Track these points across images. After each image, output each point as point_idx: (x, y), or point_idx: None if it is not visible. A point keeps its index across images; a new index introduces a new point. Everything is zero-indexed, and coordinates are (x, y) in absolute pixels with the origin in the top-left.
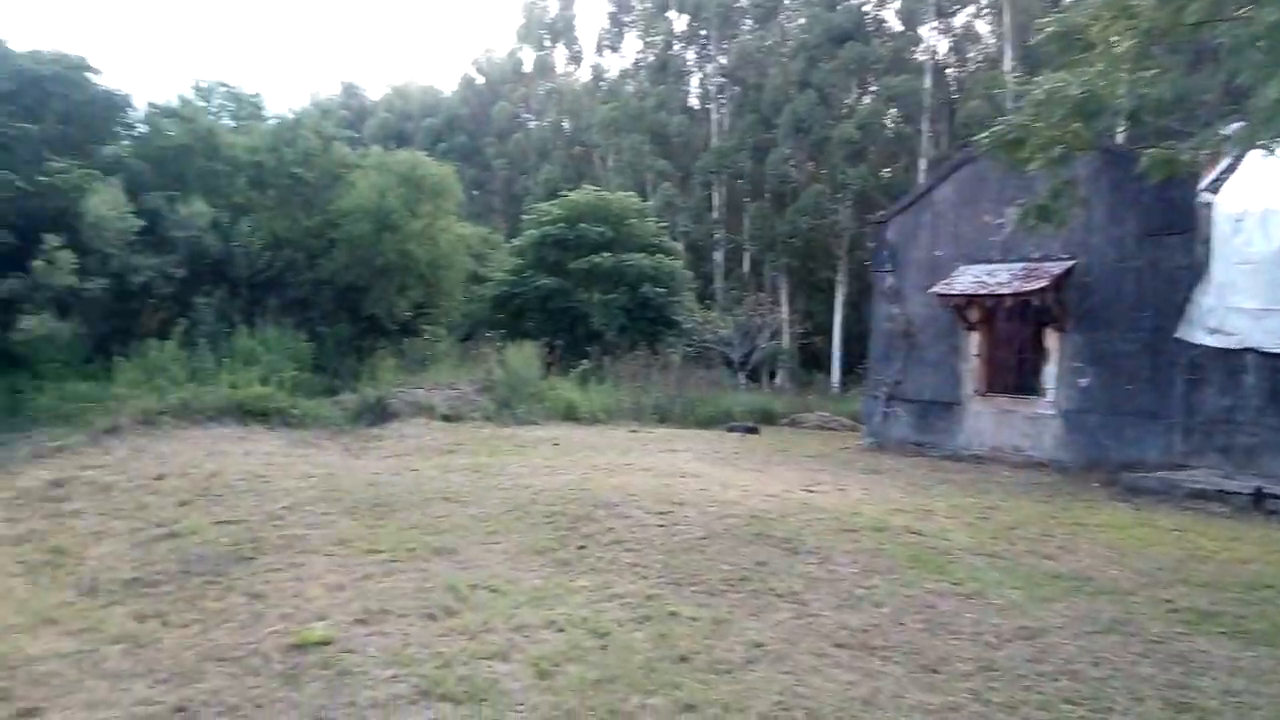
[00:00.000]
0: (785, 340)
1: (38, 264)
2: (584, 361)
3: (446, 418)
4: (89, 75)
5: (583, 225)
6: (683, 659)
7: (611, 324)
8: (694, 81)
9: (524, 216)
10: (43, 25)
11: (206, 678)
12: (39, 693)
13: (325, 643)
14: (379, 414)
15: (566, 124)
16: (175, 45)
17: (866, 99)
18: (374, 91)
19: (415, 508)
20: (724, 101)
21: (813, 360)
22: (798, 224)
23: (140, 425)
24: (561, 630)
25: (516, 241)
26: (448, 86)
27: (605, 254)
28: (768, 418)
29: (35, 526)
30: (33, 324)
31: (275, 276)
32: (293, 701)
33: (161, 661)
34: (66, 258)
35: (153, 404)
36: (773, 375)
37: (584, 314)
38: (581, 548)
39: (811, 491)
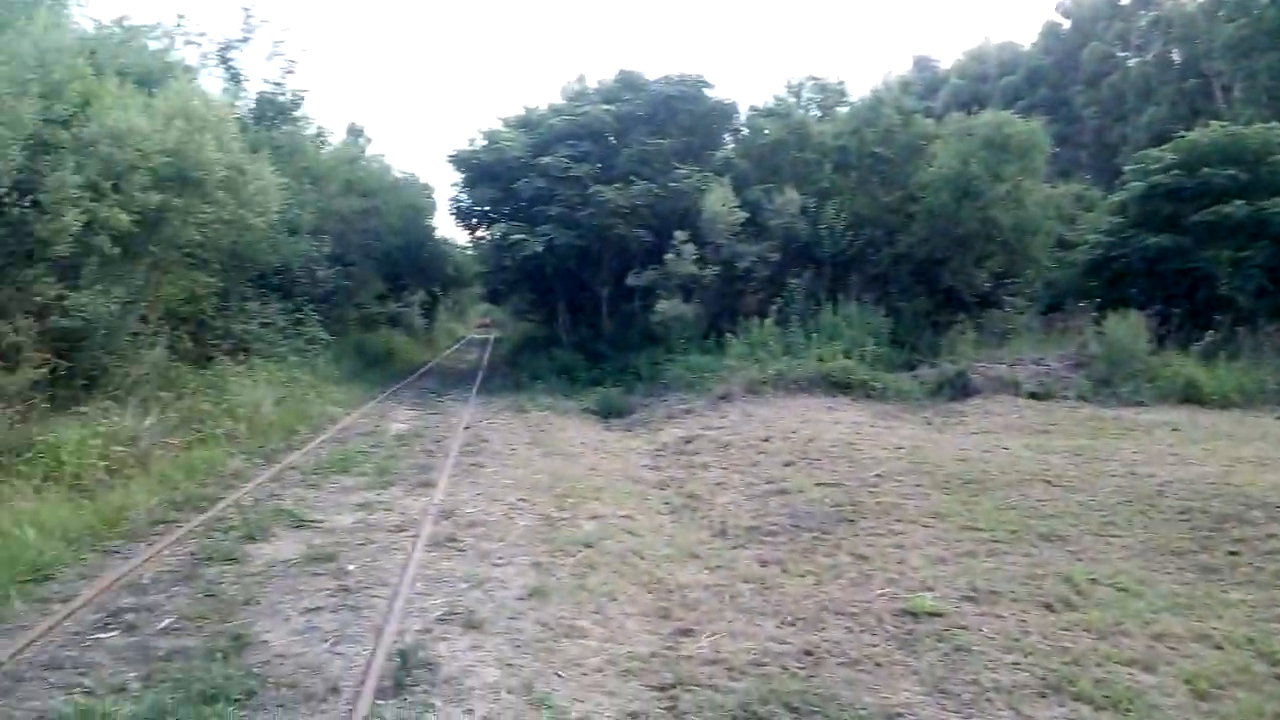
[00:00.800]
0: None
1: (668, 257)
2: (1209, 333)
3: (1034, 395)
4: (705, 90)
5: (1206, 170)
6: None
7: (1247, 287)
8: None
9: (1124, 169)
10: (667, 51)
11: (826, 628)
12: (691, 616)
13: (936, 614)
14: (959, 389)
15: (1176, 55)
16: (771, 50)
17: None
18: (946, 60)
19: (1011, 488)
20: None
21: None
22: None
23: (746, 393)
24: (1219, 648)
25: (1115, 197)
26: (1026, 40)
27: (1237, 202)
28: None
29: (674, 475)
30: (666, 307)
31: (856, 254)
32: (911, 667)
33: (786, 605)
34: (689, 250)
35: (756, 374)
36: None
37: (1207, 276)
38: (1233, 554)
39: None
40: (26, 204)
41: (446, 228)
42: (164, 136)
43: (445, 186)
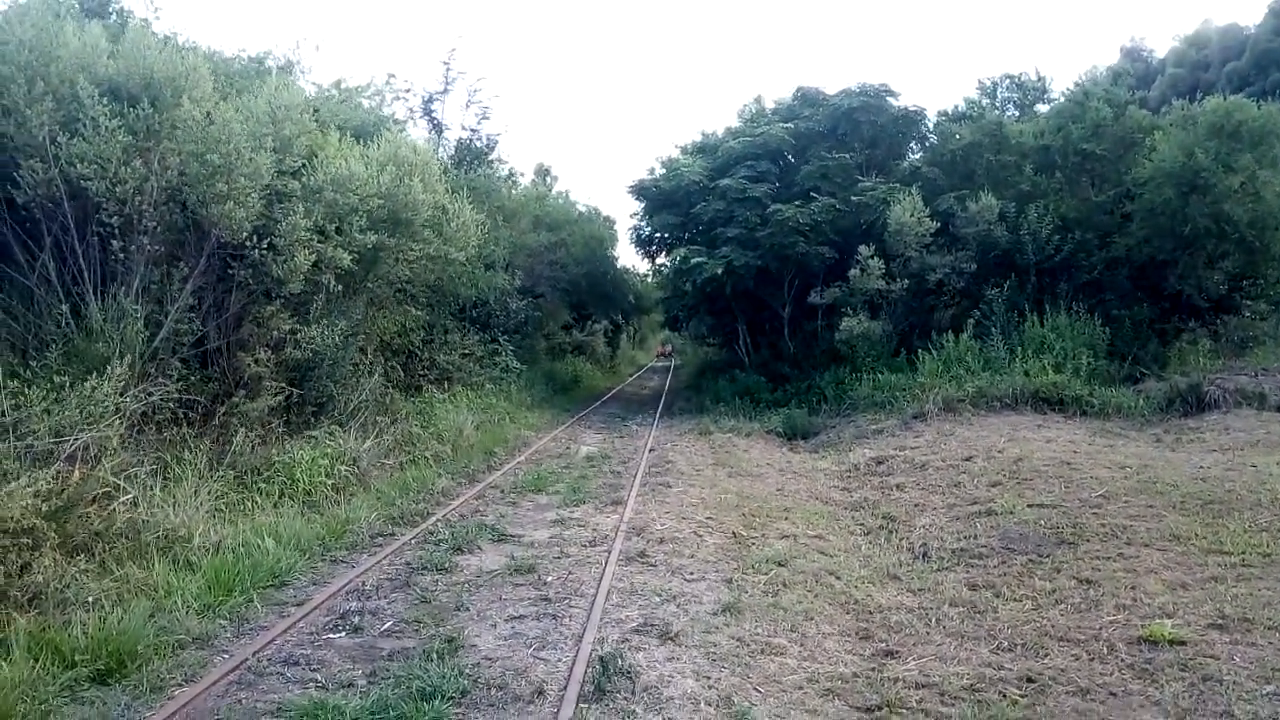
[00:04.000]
0: None
1: (853, 273)
2: None
3: None
4: (889, 99)
5: None
6: None
7: None
8: None
9: None
10: (848, 64)
11: (1049, 655)
12: (895, 638)
13: (1178, 642)
14: (1192, 403)
15: None
16: (961, 51)
17: None
18: (1160, 49)
19: (1263, 508)
20: None
21: None
22: None
23: (942, 411)
24: None
25: None
26: (1250, 20)
27: None
28: None
29: (867, 496)
30: (851, 324)
31: (1064, 260)
32: (1151, 697)
33: (1000, 630)
34: (875, 265)
35: (952, 392)
36: None
37: None
38: None
39: None
40: (264, 247)
41: (627, 258)
42: (378, 181)
43: (625, 218)
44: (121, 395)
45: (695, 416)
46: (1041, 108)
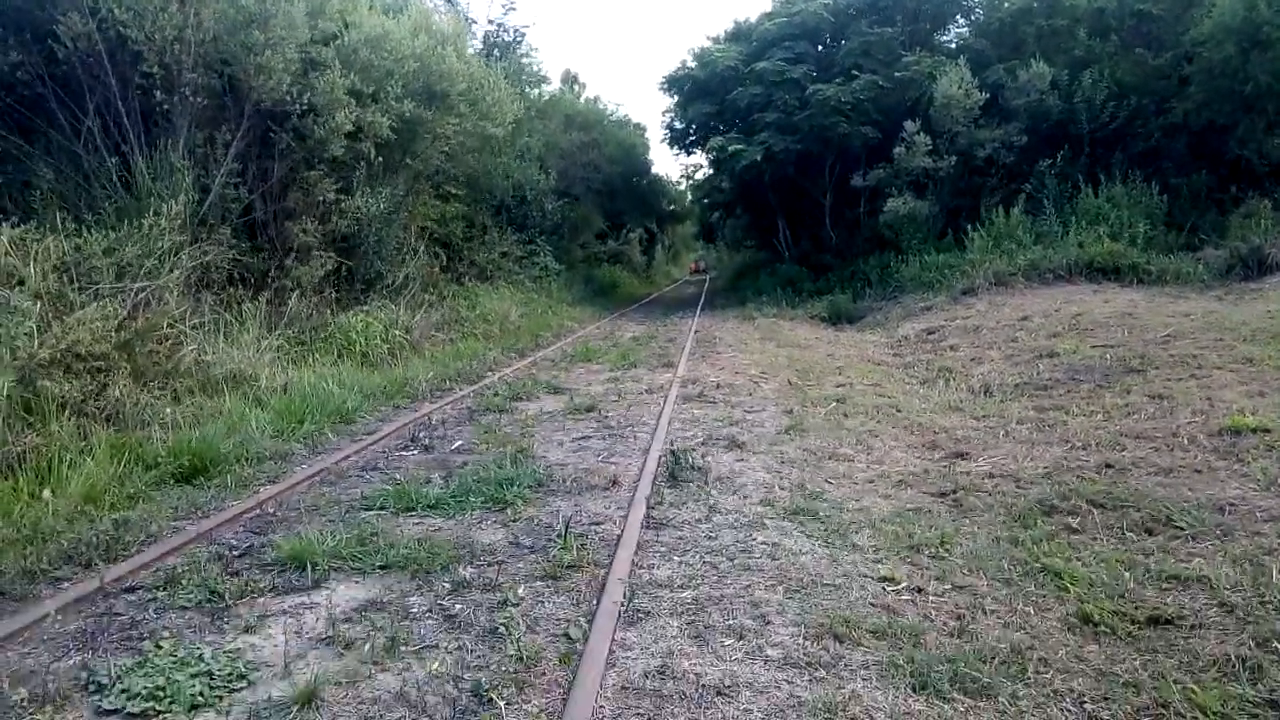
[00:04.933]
0: None
1: (898, 150)
2: None
3: None
4: None
5: None
6: None
7: None
8: None
9: None
10: None
11: (1125, 449)
12: (962, 446)
13: (1262, 430)
14: (1253, 267)
15: None
16: None
17: None
18: None
19: None
20: None
21: None
22: None
23: (993, 285)
24: None
25: None
26: None
27: None
28: None
29: (920, 357)
30: (896, 205)
31: (1120, 129)
32: (1237, 471)
33: (1071, 435)
34: (922, 141)
35: (1003, 266)
36: None
37: None
38: None
39: None
40: (304, 105)
41: (661, 165)
42: (412, 44)
43: (656, 128)
44: (178, 236)
45: (736, 308)
46: None
